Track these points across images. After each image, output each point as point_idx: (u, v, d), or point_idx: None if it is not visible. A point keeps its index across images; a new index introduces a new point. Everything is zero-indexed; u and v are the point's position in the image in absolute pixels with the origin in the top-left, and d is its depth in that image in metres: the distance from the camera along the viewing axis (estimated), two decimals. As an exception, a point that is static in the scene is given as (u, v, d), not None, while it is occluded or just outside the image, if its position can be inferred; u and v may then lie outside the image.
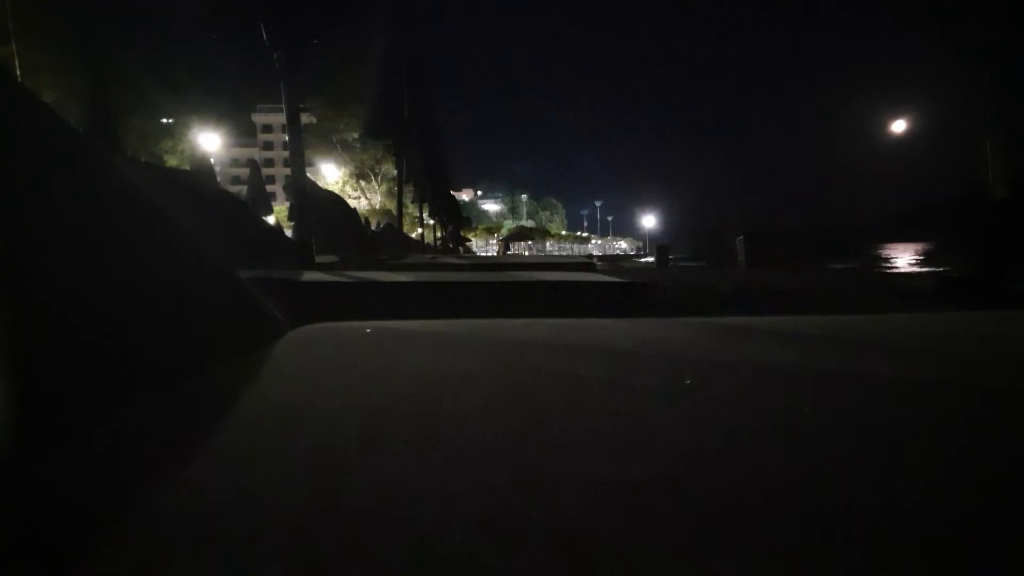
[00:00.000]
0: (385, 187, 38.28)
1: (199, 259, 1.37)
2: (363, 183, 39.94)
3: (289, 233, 11.83)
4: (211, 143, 27.46)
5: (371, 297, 3.54)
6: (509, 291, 3.78)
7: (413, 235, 26.83)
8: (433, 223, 25.84)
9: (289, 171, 8.04)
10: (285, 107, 6.80)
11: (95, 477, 0.66)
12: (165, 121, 28.12)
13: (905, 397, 0.98)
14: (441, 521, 0.54)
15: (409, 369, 1.15)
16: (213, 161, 21.08)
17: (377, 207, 37.00)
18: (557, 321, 1.83)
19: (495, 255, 35.61)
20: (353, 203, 27.29)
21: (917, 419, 0.86)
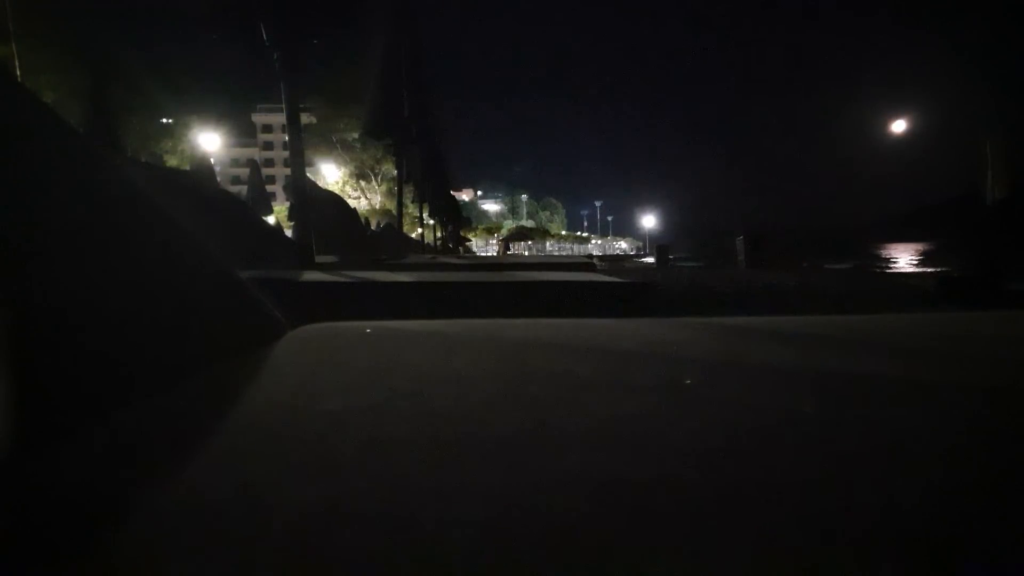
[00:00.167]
0: (385, 187, 38.28)
1: (199, 259, 1.37)
2: (363, 183, 39.92)
3: (289, 233, 11.83)
4: (211, 143, 27.49)
5: (371, 297, 3.54)
6: (509, 291, 3.78)
7: (413, 235, 26.82)
8: (433, 223, 25.83)
9: (289, 171, 8.02)
10: (285, 107, 6.80)
11: (95, 477, 0.66)
12: (165, 121, 28.11)
13: (905, 397, 0.98)
14: (441, 521, 0.54)
15: (409, 369, 1.15)
16: (213, 161, 21.08)
17: (377, 207, 36.99)
18: (557, 321, 1.83)
19: (495, 255, 35.61)
20: (353, 203, 27.27)
21: (917, 419, 0.86)
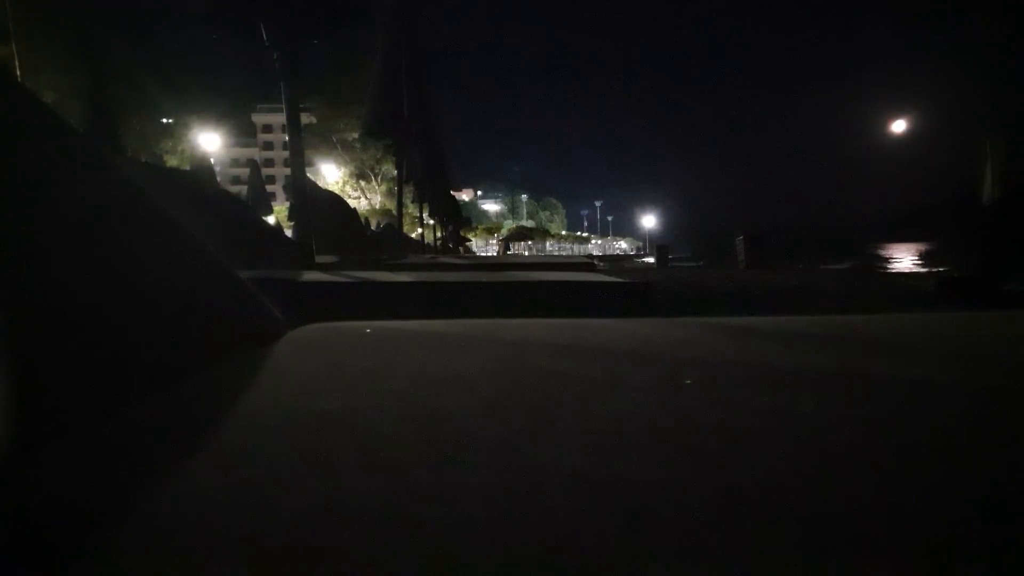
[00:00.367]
0: (385, 187, 38.27)
1: (199, 259, 1.37)
2: (363, 183, 39.91)
3: (289, 233, 11.83)
4: (211, 143, 27.49)
5: (371, 297, 3.54)
6: (509, 291, 3.78)
7: (413, 235, 26.81)
8: (433, 223, 25.83)
9: (289, 171, 8.03)
10: (285, 107, 6.79)
11: (95, 477, 0.66)
12: (165, 121, 28.10)
13: (905, 397, 0.98)
14: (441, 521, 0.54)
15: (409, 369, 1.15)
16: (213, 161, 21.10)
17: (377, 207, 36.98)
18: (557, 321, 1.83)
19: (495, 255, 35.61)
20: (353, 203, 27.28)
21: (917, 419, 0.86)
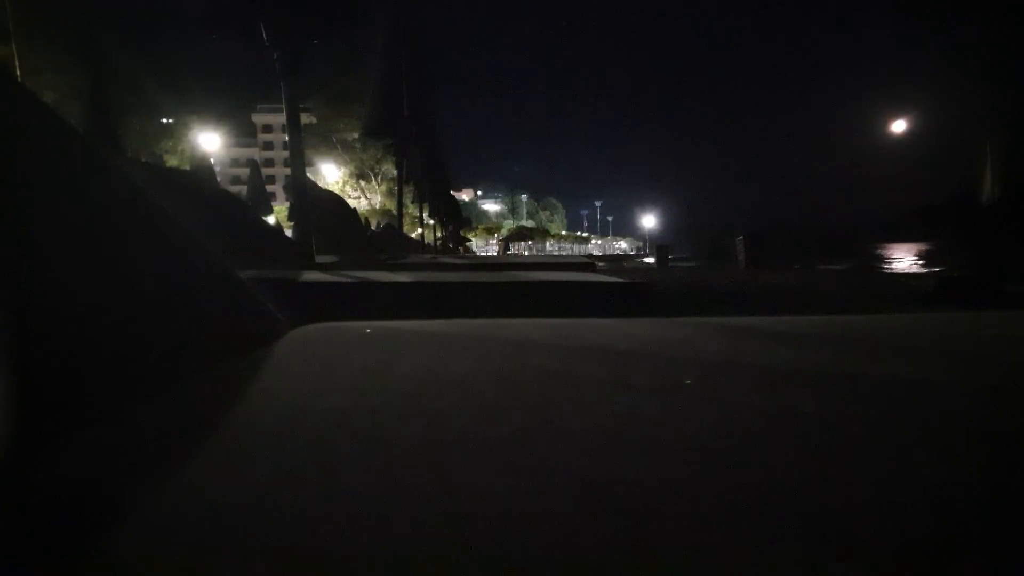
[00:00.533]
0: (385, 187, 38.27)
1: (199, 259, 1.37)
2: (363, 183, 39.92)
3: (289, 233, 11.82)
4: (211, 143, 27.46)
5: (371, 297, 3.53)
6: (509, 291, 3.78)
7: (413, 235, 26.81)
8: (433, 223, 25.83)
9: (289, 171, 8.03)
10: (285, 107, 6.80)
11: (95, 477, 0.66)
12: (165, 121, 28.09)
13: (905, 397, 0.98)
14: (441, 521, 0.54)
15: (409, 369, 1.15)
16: (213, 161, 21.09)
17: (377, 207, 36.99)
18: (557, 321, 1.83)
19: (495, 255, 35.61)
20: (353, 203, 27.27)
21: (917, 419, 0.86)
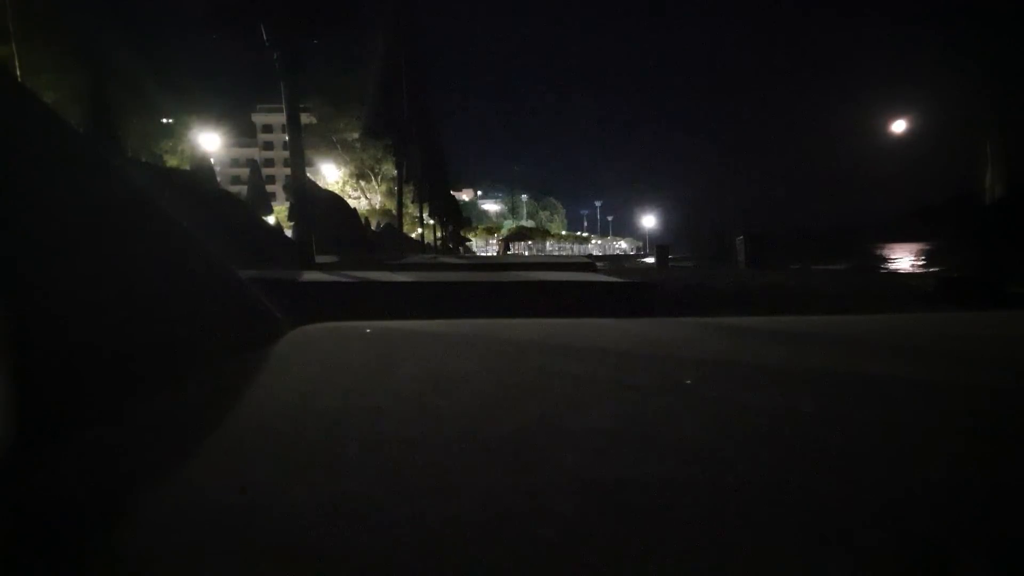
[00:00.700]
0: (385, 187, 38.25)
1: (199, 259, 1.37)
2: (363, 183, 39.90)
3: (289, 233, 11.84)
4: (211, 143, 27.42)
5: (371, 297, 3.53)
6: (509, 291, 3.78)
7: (413, 235, 26.81)
8: (433, 223, 25.84)
9: (289, 171, 8.03)
10: (285, 107, 6.79)
11: (95, 477, 0.66)
12: (165, 121, 28.06)
13: (905, 397, 0.98)
14: (441, 521, 0.54)
15: (409, 369, 1.15)
16: (213, 161, 21.10)
17: (377, 207, 36.97)
18: (557, 321, 1.83)
19: (495, 255, 35.61)
20: (353, 203, 27.25)
21: (917, 419, 0.86)
